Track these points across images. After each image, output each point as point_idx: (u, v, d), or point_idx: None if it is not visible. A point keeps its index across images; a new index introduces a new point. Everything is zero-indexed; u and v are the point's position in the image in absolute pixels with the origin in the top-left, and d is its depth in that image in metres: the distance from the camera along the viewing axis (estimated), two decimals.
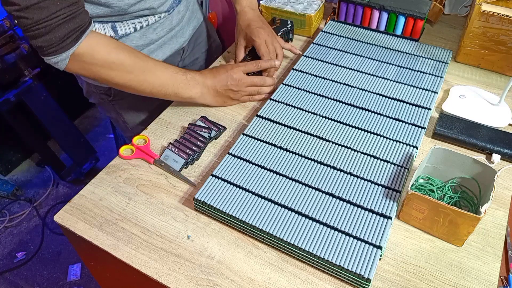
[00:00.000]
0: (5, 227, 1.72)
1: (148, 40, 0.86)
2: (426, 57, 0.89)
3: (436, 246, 0.61)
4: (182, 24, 0.93)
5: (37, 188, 1.87)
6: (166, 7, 0.84)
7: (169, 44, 0.91)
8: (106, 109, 0.99)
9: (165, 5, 0.84)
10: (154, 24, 0.85)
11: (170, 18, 0.88)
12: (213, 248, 0.61)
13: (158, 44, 0.89)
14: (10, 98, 1.59)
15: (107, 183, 0.71)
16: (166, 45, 0.91)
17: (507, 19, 0.81)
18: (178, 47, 0.94)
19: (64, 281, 1.54)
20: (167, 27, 0.88)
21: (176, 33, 0.92)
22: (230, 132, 0.79)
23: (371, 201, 0.62)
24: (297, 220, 0.60)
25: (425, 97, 0.80)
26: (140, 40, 0.84)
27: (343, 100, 0.80)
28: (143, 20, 0.82)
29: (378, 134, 0.73)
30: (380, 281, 0.57)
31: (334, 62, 0.89)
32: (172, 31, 0.90)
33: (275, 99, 0.80)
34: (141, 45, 0.85)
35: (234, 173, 0.67)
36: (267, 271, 0.58)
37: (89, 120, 2.19)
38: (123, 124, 1.00)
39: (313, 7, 1.01)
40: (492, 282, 0.56)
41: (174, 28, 0.90)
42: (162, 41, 0.89)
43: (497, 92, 0.84)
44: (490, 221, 0.63)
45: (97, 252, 0.63)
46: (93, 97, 0.96)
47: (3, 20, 1.44)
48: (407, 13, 0.91)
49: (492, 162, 0.71)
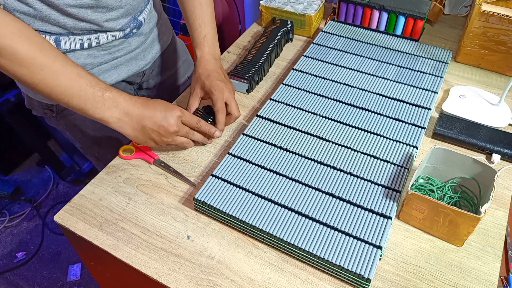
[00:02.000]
0: (5, 227, 1.72)
1: (98, 59, 0.77)
2: (426, 57, 0.89)
3: (436, 246, 0.61)
4: (144, 46, 0.85)
5: (37, 188, 1.87)
6: (119, 25, 0.75)
7: (126, 66, 0.83)
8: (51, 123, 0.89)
9: (117, 22, 0.74)
10: (108, 44, 0.76)
11: (129, 41, 0.80)
12: (213, 248, 0.61)
13: (113, 64, 0.80)
14: (10, 98, 1.59)
15: (107, 183, 0.71)
16: (122, 66, 0.82)
17: (507, 19, 0.81)
18: (137, 69, 0.86)
19: (64, 281, 1.54)
20: (125, 48, 0.80)
21: (136, 55, 0.84)
22: (230, 132, 0.79)
23: (371, 201, 0.62)
24: (297, 220, 0.60)
25: (425, 97, 0.80)
26: (88, 58, 0.75)
27: (343, 100, 0.80)
28: (93, 38, 0.73)
29: (378, 134, 0.73)
30: (380, 281, 0.57)
31: (334, 62, 0.89)
32: (132, 53, 0.82)
33: (275, 99, 0.80)
34: (90, 64, 0.76)
35: (234, 173, 0.67)
36: (267, 271, 0.58)
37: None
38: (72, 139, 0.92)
39: (313, 7, 1.01)
40: (492, 282, 0.56)
41: (133, 51, 0.82)
42: (118, 62, 0.81)
43: (497, 92, 0.84)
44: (490, 221, 0.63)
45: (97, 252, 0.63)
46: (36, 110, 0.86)
47: None
48: (407, 13, 0.91)
49: (492, 162, 0.71)
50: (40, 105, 0.83)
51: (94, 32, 0.73)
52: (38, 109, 0.85)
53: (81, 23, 0.70)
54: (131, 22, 0.78)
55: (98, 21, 0.71)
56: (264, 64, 0.89)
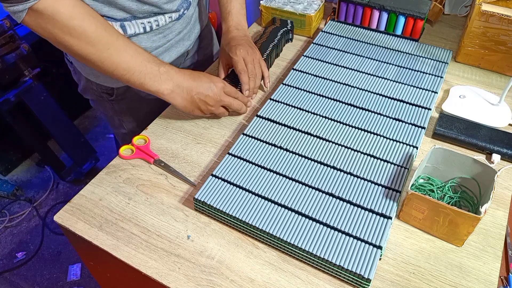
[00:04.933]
0: (5, 227, 1.72)
1: (156, 43, 0.83)
2: (426, 57, 0.89)
3: (436, 246, 0.61)
4: (189, 26, 0.90)
5: (37, 188, 1.87)
6: (175, 6, 0.81)
7: (175, 47, 0.89)
8: (102, 107, 0.96)
9: (174, 3, 0.80)
10: (164, 26, 0.82)
11: (180, 22, 0.85)
12: (213, 248, 0.61)
13: (166, 47, 0.86)
14: (10, 98, 1.59)
15: (107, 183, 0.71)
16: (173, 48, 0.88)
17: (507, 19, 0.81)
18: (184, 50, 0.92)
19: (64, 281, 1.54)
20: (176, 30, 0.86)
21: (183, 36, 0.89)
22: (230, 132, 0.79)
23: (371, 201, 0.62)
24: (297, 220, 0.60)
25: (425, 97, 0.80)
26: (148, 42, 0.82)
27: (343, 100, 0.80)
28: (153, 20, 0.79)
29: (378, 134, 0.73)
30: (380, 281, 0.57)
31: (334, 62, 0.89)
32: (180, 34, 0.88)
33: (275, 99, 0.80)
34: (149, 47, 0.82)
35: (234, 173, 0.67)
36: (267, 271, 0.58)
37: (89, 120, 2.19)
38: (118, 122, 0.98)
39: (313, 7, 1.01)
40: (492, 282, 0.56)
41: (182, 31, 0.88)
42: (170, 44, 0.87)
43: (497, 92, 0.84)
44: (490, 221, 0.63)
45: (97, 252, 0.63)
46: (90, 94, 0.93)
47: (3, 20, 1.44)
48: (407, 13, 0.91)
49: (492, 162, 0.71)
50: (99, 88, 0.88)
51: (154, 14, 0.78)
52: (94, 92, 0.90)
53: (144, 6, 0.75)
54: (183, 3, 0.83)
55: (159, 3, 0.76)
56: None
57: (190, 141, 0.77)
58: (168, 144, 0.77)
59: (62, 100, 1.79)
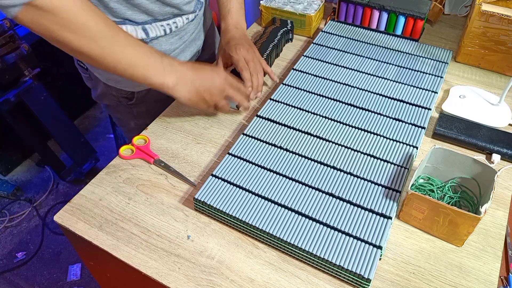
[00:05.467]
0: (5, 227, 1.72)
1: (173, 45, 0.83)
2: (426, 57, 0.89)
3: (436, 246, 0.61)
4: (199, 26, 0.91)
5: (37, 188, 1.87)
6: (192, 7, 0.82)
7: (189, 48, 0.89)
8: (119, 112, 0.94)
9: (190, 5, 0.81)
10: (181, 28, 0.82)
11: (193, 23, 0.86)
12: (213, 248, 0.61)
13: (181, 48, 0.86)
14: (10, 98, 1.59)
15: (107, 183, 0.71)
16: (187, 48, 0.89)
17: (507, 19, 0.81)
18: (196, 49, 0.92)
19: (64, 281, 1.54)
20: (190, 31, 0.86)
21: (195, 36, 0.90)
22: (230, 132, 0.79)
23: (371, 201, 0.62)
24: (297, 220, 0.60)
25: (425, 97, 0.80)
26: (166, 45, 0.82)
27: (343, 100, 0.80)
28: (172, 22, 0.79)
29: (378, 134, 0.73)
30: (380, 281, 0.57)
31: (334, 62, 0.89)
32: (193, 34, 0.88)
33: (275, 99, 0.80)
34: (168, 50, 0.83)
35: (234, 173, 0.67)
36: (267, 271, 0.58)
37: (89, 120, 2.19)
38: (134, 126, 0.96)
39: (313, 7, 1.01)
40: (492, 282, 0.56)
41: (194, 31, 0.88)
42: (185, 45, 0.87)
43: (497, 92, 0.84)
44: (490, 221, 0.63)
45: (97, 252, 0.63)
46: (108, 99, 0.91)
47: (3, 20, 1.44)
48: (407, 13, 0.91)
49: (492, 162, 0.71)
50: (118, 93, 0.88)
51: (173, 16, 0.79)
52: (114, 97, 0.89)
53: (166, 7, 0.75)
54: (198, 4, 0.84)
55: (180, 4, 0.77)
56: None
57: (190, 141, 0.77)
58: (168, 144, 0.77)
59: (62, 100, 1.79)
